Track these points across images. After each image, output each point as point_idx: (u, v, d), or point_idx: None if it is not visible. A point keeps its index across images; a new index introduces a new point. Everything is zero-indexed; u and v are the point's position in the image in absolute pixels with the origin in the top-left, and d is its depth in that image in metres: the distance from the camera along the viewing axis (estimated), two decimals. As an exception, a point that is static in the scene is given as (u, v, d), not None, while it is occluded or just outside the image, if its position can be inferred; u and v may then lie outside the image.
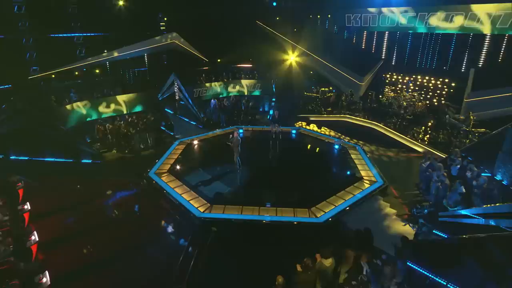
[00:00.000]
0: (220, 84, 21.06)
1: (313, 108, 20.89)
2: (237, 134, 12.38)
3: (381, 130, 16.94)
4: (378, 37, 22.07)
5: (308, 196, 10.64)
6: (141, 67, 21.65)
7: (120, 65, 20.61)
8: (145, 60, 22.01)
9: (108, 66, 19.97)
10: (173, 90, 20.64)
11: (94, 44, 19.32)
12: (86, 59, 19.01)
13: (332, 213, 9.74)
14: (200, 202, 10.36)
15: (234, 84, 21.61)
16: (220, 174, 12.36)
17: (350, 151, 14.24)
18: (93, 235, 9.08)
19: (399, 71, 20.79)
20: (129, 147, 15.14)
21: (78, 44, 18.99)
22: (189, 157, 14.13)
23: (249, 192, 11.15)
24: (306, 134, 16.96)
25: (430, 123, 16.46)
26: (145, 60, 22.01)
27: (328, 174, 12.45)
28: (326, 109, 20.24)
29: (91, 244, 8.62)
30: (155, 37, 20.98)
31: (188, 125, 18.99)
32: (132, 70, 21.09)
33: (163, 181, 11.56)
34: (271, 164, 13.62)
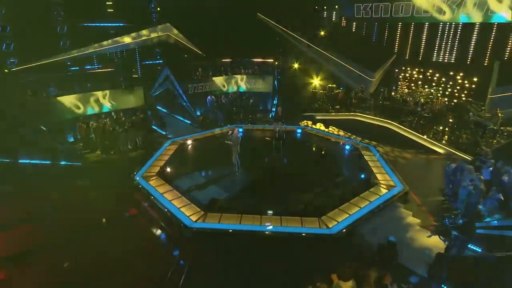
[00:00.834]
0: (217, 80, 20.14)
1: (320, 106, 20.00)
2: (237, 132, 11.42)
3: (396, 129, 15.98)
4: (391, 28, 21.14)
5: (317, 203, 9.69)
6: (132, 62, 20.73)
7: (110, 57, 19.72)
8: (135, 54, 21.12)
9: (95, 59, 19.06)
10: (166, 86, 19.77)
11: (80, 35, 18.42)
12: (70, 52, 18.15)
13: (346, 222, 8.75)
14: (193, 209, 9.40)
15: (233, 80, 20.68)
16: (216, 177, 11.48)
17: (363, 152, 13.29)
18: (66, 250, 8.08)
19: (413, 66, 19.89)
20: (115, 147, 14.20)
21: (62, 35, 18.09)
22: (182, 159, 13.25)
23: (250, 198, 10.22)
24: (313, 133, 16.04)
25: (449, 121, 15.52)
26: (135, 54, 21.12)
27: (340, 178, 11.49)
28: (334, 107, 19.29)
29: (63, 261, 7.62)
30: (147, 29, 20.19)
31: (182, 124, 18.16)
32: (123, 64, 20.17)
33: (151, 186, 10.59)
34: (275, 167, 12.68)
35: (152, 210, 9.70)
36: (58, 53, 17.47)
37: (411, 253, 7.76)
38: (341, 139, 15.00)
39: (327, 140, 15.15)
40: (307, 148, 14.77)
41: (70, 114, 15.19)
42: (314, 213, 9.16)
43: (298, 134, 16.03)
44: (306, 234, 8.42)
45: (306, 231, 8.49)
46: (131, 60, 20.53)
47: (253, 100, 18.78)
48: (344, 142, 14.43)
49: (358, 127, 16.84)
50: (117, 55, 20.14)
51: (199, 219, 8.96)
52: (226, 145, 11.69)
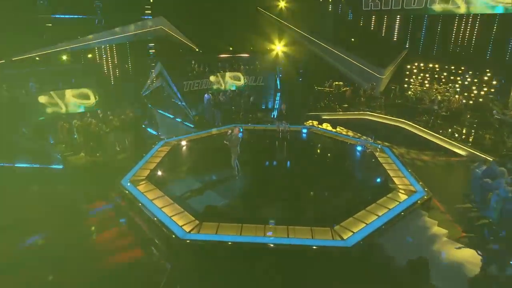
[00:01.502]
0: (215, 76, 19.36)
1: (326, 105, 19.28)
2: (238, 131, 10.58)
3: (411, 129, 15.18)
4: (402, 22, 20.45)
5: (329, 211, 8.85)
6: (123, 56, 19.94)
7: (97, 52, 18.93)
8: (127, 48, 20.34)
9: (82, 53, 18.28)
10: (160, 83, 18.99)
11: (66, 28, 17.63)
12: (56, 45, 17.34)
13: (362, 233, 7.87)
14: (186, 218, 8.52)
15: (232, 77, 19.90)
16: (213, 182, 10.67)
17: (376, 153, 12.45)
18: (37, 267, 7.19)
19: (427, 61, 19.22)
20: (101, 149, 13.38)
21: (47, 27, 17.32)
22: (175, 161, 12.43)
23: (251, 206, 9.36)
24: (320, 133, 15.22)
25: (468, 120, 14.75)
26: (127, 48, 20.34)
27: (353, 182, 10.68)
28: (341, 106, 18.55)
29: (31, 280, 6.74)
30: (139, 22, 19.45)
31: (176, 124, 17.37)
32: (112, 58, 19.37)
33: (139, 191, 9.72)
34: (279, 170, 11.89)
35: (139, 219, 8.81)
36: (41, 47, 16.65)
37: (442, 270, 6.89)
38: (352, 139, 14.20)
39: (335, 141, 14.36)
40: (314, 149, 14.00)
41: (52, 112, 14.35)
42: (326, 222, 8.29)
43: (304, 135, 15.23)
44: (318, 247, 7.54)
45: (317, 244, 7.61)
46: (122, 55, 19.73)
47: (254, 98, 17.98)
48: (355, 143, 13.61)
49: (368, 127, 16.08)
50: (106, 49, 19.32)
51: (193, 230, 8.08)
52: (224, 146, 10.88)
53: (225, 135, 10.94)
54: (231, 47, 21.09)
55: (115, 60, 19.40)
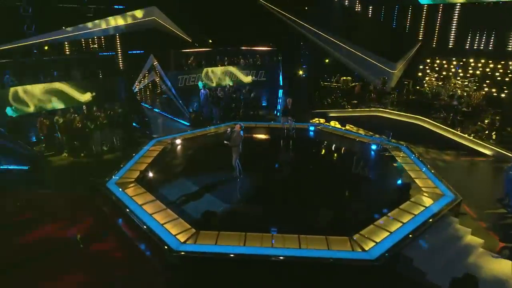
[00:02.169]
0: (212, 71, 18.57)
1: (333, 101, 18.56)
2: (240, 128, 9.74)
3: (428, 127, 14.41)
4: (414, 12, 19.74)
5: (345, 217, 8.04)
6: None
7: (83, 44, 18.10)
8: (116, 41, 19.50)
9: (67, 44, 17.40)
10: (152, 78, 18.22)
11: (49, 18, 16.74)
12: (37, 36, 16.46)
13: (387, 244, 7.03)
14: (181, 226, 7.67)
15: (231, 71, 19.12)
16: (212, 184, 9.82)
17: (394, 153, 11.67)
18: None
19: (442, 55, 18.55)
20: (87, 148, 12.55)
21: (26, 16, 16.43)
22: (168, 161, 11.65)
23: (256, 211, 8.56)
24: (329, 131, 14.48)
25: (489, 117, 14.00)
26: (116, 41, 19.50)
27: (370, 185, 9.88)
28: (350, 102, 17.82)
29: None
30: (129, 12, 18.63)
31: (170, 122, 16.70)
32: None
33: (127, 195, 8.86)
34: (285, 171, 11.15)
35: (125, 227, 7.93)
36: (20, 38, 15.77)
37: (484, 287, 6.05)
38: (365, 138, 13.47)
39: (347, 140, 13.63)
40: (324, 149, 13.25)
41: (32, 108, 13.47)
42: (343, 231, 7.46)
43: (311, 133, 14.47)
44: (335, 259, 6.68)
45: (335, 256, 6.75)
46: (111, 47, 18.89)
47: (255, 93, 17.18)
48: (369, 142, 12.84)
49: (381, 124, 15.27)
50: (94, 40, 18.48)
51: (189, 240, 7.22)
52: (223, 145, 10.07)
53: (225, 133, 10.16)
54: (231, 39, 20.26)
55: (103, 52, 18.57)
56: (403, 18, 20.43)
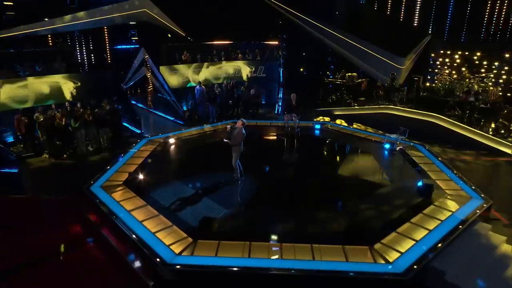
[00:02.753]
0: (208, 66, 17.89)
1: (338, 98, 17.93)
2: (242, 125, 9.02)
3: (443, 124, 13.82)
4: (423, 5, 19.26)
5: (363, 224, 7.38)
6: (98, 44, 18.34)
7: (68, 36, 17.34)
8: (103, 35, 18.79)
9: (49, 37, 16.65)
10: (143, 74, 17.44)
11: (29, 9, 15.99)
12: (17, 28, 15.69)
13: (414, 254, 6.33)
14: (176, 235, 6.94)
15: (229, 66, 18.46)
16: (210, 187, 9.12)
17: (410, 152, 11.07)
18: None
19: (454, 49, 17.98)
20: (70, 149, 11.81)
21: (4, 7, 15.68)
22: (161, 163, 10.92)
23: (261, 217, 7.85)
24: (336, 130, 13.90)
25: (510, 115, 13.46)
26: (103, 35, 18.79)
27: (388, 187, 9.21)
28: (357, 100, 17.23)
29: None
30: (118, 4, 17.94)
31: (163, 121, 16.10)
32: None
33: (113, 200, 8.10)
34: (291, 172, 10.56)
35: (111, 236, 7.16)
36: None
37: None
38: (377, 136, 12.94)
39: (357, 139, 13.10)
40: (333, 148, 12.65)
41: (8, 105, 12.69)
42: (362, 239, 6.77)
43: (317, 131, 13.86)
44: (355, 273, 5.97)
45: (355, 269, 6.04)
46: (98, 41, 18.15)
47: (255, 90, 16.50)
48: (381, 141, 12.23)
49: (391, 122, 14.61)
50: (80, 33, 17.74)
51: (185, 251, 6.49)
52: (221, 145, 9.39)
53: (224, 132, 9.49)
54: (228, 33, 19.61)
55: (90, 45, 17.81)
56: (411, 11, 19.89)
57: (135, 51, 18.20)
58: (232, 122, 14.45)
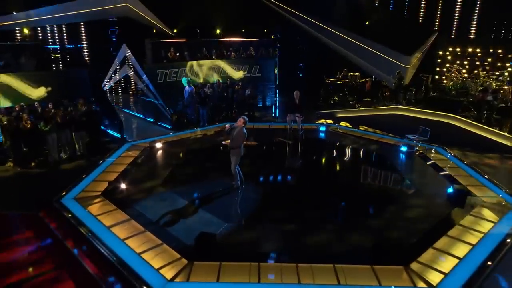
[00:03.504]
0: (198, 64, 17.03)
1: (340, 100, 17.31)
2: (243, 123, 8.11)
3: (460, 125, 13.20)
4: None
5: (391, 238, 6.45)
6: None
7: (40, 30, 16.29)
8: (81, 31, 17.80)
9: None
10: (125, 73, 16.50)
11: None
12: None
13: (462, 275, 5.46)
14: (167, 256, 5.96)
15: (220, 65, 17.62)
16: (206, 197, 8.21)
17: (430, 155, 10.34)
18: None
19: (463, 46, 17.72)
20: (39, 156, 10.72)
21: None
22: (147, 170, 9.94)
23: (268, 232, 6.89)
24: (344, 132, 13.31)
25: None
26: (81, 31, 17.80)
27: (413, 195, 8.37)
28: (362, 101, 16.63)
29: None
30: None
31: (148, 125, 15.14)
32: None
33: (89, 213, 7.07)
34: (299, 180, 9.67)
35: (86, 259, 6.08)
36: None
37: None
38: (390, 139, 12.36)
39: (369, 142, 12.42)
40: (344, 153, 11.87)
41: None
42: (393, 257, 5.88)
43: (322, 134, 13.17)
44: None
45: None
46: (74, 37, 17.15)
47: (250, 90, 15.68)
48: (395, 143, 11.55)
49: (402, 124, 14.01)
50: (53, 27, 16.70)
51: (180, 276, 5.50)
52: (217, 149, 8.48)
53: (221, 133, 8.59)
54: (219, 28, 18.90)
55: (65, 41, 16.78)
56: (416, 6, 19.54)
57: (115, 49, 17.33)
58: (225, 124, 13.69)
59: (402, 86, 16.50)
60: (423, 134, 10.96)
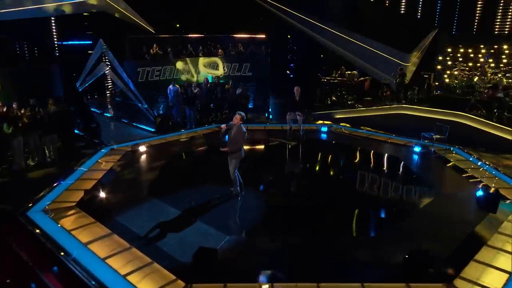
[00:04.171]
0: (183, 62, 16.27)
1: (338, 100, 16.95)
2: (240, 120, 7.32)
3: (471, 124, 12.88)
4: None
5: (425, 250, 5.71)
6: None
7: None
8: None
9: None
10: (102, 71, 15.55)
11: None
12: None
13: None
14: (159, 277, 5.11)
15: (208, 63, 16.89)
16: (202, 206, 7.34)
17: (447, 156, 9.83)
18: None
19: (466, 42, 17.56)
20: (2, 163, 9.75)
21: None
22: (130, 177, 9.13)
23: (278, 246, 6.08)
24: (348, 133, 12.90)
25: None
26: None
27: (438, 201, 7.70)
28: (362, 100, 16.20)
29: None
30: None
31: (129, 129, 14.36)
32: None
33: (62, 228, 6.16)
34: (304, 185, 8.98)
35: (58, 284, 5.15)
36: None
37: None
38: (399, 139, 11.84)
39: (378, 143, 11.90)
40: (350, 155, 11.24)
41: None
42: (431, 272, 5.22)
43: (324, 135, 12.65)
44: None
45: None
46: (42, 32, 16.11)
47: (241, 90, 14.98)
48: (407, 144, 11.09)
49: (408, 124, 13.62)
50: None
51: (175, 303, 4.63)
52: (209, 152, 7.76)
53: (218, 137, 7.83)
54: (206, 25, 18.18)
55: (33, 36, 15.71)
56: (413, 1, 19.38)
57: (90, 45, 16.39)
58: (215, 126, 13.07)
59: (404, 84, 16.13)
60: (441, 132, 10.41)
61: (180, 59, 16.21)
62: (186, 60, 16.33)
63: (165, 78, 15.71)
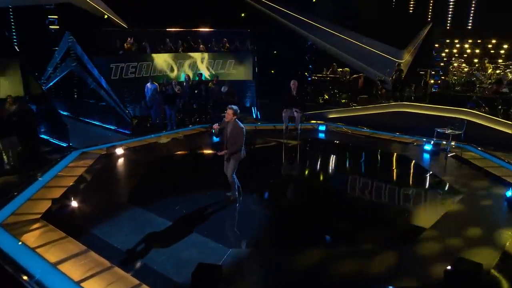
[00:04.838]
0: (162, 58, 15.49)
1: (330, 98, 16.67)
2: (233, 115, 6.55)
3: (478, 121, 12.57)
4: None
5: (460, 261, 5.07)
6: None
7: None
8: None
9: None
10: (70, 67, 14.61)
11: None
12: None
13: None
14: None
15: (189, 59, 16.16)
16: (194, 214, 6.53)
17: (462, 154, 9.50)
18: None
19: (462, 38, 17.57)
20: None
21: None
22: (106, 183, 8.23)
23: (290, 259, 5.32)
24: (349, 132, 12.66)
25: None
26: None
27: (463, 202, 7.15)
28: (358, 98, 15.92)
29: None
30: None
31: (102, 131, 13.52)
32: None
33: (24, 245, 5.28)
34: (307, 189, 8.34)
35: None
36: None
37: None
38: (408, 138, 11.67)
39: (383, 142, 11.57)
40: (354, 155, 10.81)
41: None
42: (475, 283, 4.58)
43: (322, 134, 12.24)
44: None
45: None
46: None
47: (227, 87, 14.29)
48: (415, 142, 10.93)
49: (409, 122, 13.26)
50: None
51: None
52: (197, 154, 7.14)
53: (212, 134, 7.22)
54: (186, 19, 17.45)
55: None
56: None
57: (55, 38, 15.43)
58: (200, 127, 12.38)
59: (401, 80, 15.88)
60: (459, 127, 10.01)
61: (158, 55, 15.42)
62: (164, 55, 15.55)
63: (141, 75, 14.88)
